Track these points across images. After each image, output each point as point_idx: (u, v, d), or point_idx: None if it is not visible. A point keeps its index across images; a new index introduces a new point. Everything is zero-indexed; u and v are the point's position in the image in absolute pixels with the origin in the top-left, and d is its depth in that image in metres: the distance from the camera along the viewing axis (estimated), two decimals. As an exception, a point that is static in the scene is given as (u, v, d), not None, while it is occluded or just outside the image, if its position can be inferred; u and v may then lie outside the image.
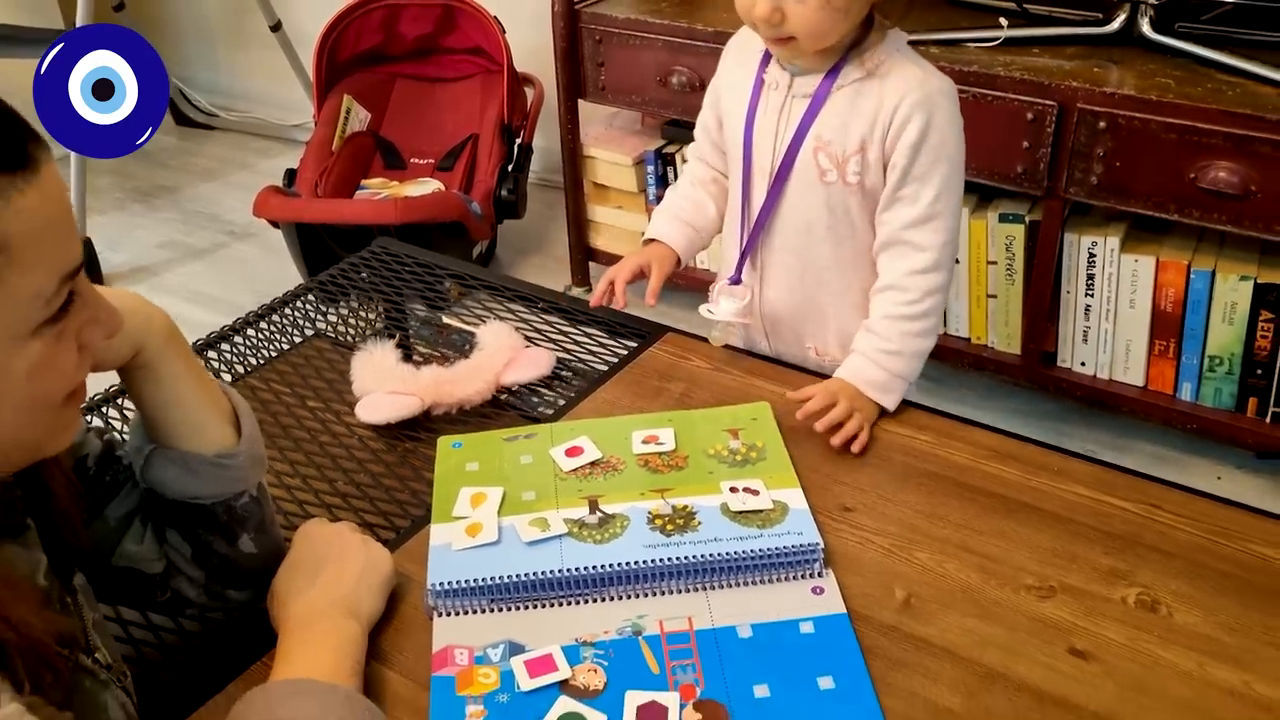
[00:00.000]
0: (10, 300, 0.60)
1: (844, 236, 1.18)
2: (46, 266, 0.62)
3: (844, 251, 1.19)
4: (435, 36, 2.64)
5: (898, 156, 1.10)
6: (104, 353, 0.76)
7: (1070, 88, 1.64)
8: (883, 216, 1.14)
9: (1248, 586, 0.91)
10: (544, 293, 1.41)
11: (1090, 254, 1.76)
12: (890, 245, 1.14)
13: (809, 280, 1.22)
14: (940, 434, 1.10)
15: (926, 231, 1.12)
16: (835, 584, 0.91)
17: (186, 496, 0.84)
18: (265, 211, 2.19)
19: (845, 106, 1.12)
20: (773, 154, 1.17)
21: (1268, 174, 1.53)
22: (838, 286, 1.21)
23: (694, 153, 1.32)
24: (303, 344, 1.35)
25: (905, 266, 1.13)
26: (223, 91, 3.60)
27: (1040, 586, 0.92)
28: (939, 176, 1.10)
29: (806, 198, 1.17)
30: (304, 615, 0.84)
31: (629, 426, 1.09)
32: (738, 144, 1.20)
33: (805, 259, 1.21)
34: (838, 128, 1.12)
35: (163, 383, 0.81)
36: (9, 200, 0.59)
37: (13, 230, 0.59)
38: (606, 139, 2.29)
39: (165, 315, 0.82)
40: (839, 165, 1.14)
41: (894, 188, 1.12)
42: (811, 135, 1.14)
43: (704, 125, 1.28)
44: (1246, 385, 1.73)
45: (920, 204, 1.11)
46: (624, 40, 2.06)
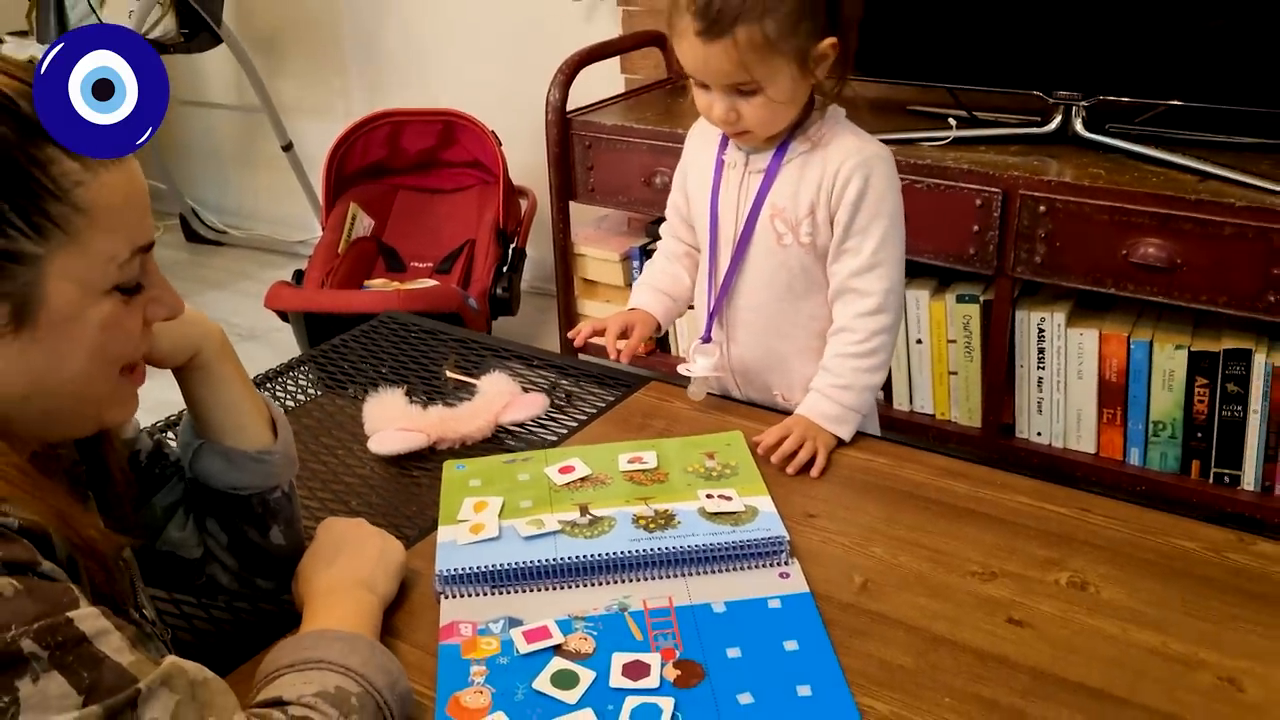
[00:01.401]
0: (88, 257, 0.73)
1: (801, 293, 1.32)
2: (122, 235, 0.74)
3: (802, 306, 1.32)
4: (436, 150, 2.85)
5: (841, 213, 1.25)
6: (168, 349, 0.89)
7: (1013, 177, 1.82)
8: (832, 268, 1.28)
9: (1168, 570, 1.02)
10: (539, 351, 1.55)
11: (1040, 329, 1.91)
12: (841, 293, 1.28)
13: (772, 334, 1.35)
14: (897, 458, 1.23)
15: (871, 279, 1.26)
16: (800, 571, 1.02)
17: (228, 487, 0.96)
18: (276, 303, 2.34)
19: (795, 176, 1.27)
20: (735, 224, 1.31)
21: (1191, 249, 1.70)
22: (798, 337, 1.34)
23: (667, 230, 1.47)
24: (318, 397, 1.47)
25: (853, 310, 1.27)
26: (231, 210, 3.81)
27: (983, 572, 1.03)
28: (879, 230, 1.25)
29: (767, 260, 1.31)
30: (326, 587, 0.94)
31: (616, 450, 1.21)
32: (704, 217, 1.35)
33: (767, 315, 1.34)
34: (789, 195, 1.27)
35: (215, 385, 0.94)
36: (96, 174, 0.72)
37: (97, 199, 0.72)
38: (595, 238, 2.46)
39: (220, 329, 0.95)
40: (793, 229, 1.28)
41: (839, 241, 1.26)
42: (767, 205, 1.29)
43: (674, 205, 1.43)
44: (1189, 449, 1.86)
45: (863, 255, 1.25)
46: (611, 145, 2.25)
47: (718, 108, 1.21)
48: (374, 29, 3.23)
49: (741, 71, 1.16)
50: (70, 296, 0.73)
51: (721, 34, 1.14)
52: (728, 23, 1.13)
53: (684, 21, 1.16)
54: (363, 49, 3.28)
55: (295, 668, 0.80)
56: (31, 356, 0.73)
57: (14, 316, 0.71)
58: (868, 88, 2.28)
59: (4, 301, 0.70)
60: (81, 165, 0.71)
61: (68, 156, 0.71)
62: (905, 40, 2.08)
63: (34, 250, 0.70)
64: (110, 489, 0.89)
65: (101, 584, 0.77)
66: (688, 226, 1.42)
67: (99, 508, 0.87)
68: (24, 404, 0.74)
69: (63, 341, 0.74)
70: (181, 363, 0.92)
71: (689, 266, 1.44)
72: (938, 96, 2.16)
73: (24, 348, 0.72)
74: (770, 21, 1.14)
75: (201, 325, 0.93)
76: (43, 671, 0.64)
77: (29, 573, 0.67)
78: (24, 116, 0.69)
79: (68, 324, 0.73)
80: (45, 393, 0.75)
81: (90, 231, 0.72)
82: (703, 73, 1.19)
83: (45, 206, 0.70)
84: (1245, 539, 1.06)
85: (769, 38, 1.14)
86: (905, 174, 1.89)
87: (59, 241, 0.71)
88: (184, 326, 0.89)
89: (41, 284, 0.71)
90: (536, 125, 2.34)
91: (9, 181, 0.68)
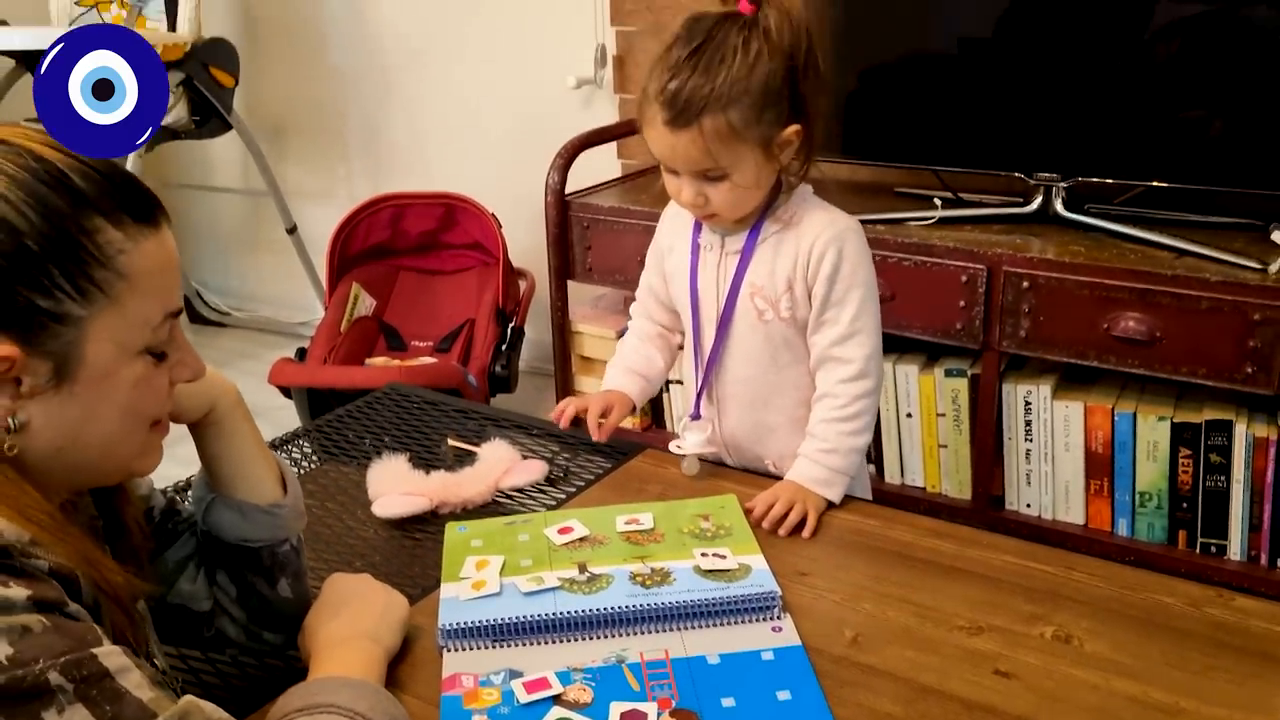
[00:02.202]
0: (126, 319, 0.78)
1: (785, 364, 1.36)
2: (156, 300, 0.80)
3: (787, 376, 1.37)
4: (437, 233, 2.92)
5: (818, 287, 1.30)
6: (186, 404, 0.93)
7: (997, 254, 1.89)
8: (812, 339, 1.33)
9: (1150, 625, 1.05)
10: (538, 421, 1.59)
11: (1027, 402, 1.96)
12: (822, 362, 1.33)
13: (759, 406, 1.39)
14: (885, 520, 1.27)
15: (850, 346, 1.31)
16: (792, 624, 1.05)
17: (239, 539, 0.99)
18: (280, 378, 2.38)
19: (770, 255, 1.32)
20: (716, 304, 1.36)
21: (1170, 322, 1.75)
22: (785, 407, 1.38)
23: (639, 311, 1.50)
24: (322, 465, 1.51)
25: (835, 377, 1.32)
26: (235, 292, 3.88)
27: (970, 627, 1.06)
28: (855, 299, 1.30)
29: (750, 336, 1.35)
30: (332, 639, 0.97)
31: (613, 512, 1.25)
32: (685, 298, 1.39)
33: (754, 388, 1.38)
34: (766, 274, 1.32)
35: (228, 439, 0.98)
36: (138, 243, 0.78)
37: (137, 266, 0.78)
38: (592, 316, 2.52)
39: (235, 387, 1.00)
40: (773, 305, 1.33)
41: (818, 313, 1.31)
42: (746, 284, 1.33)
43: (649, 286, 1.47)
44: (1175, 519, 1.90)
45: (842, 324, 1.30)
46: (608, 226, 2.32)
47: (686, 192, 1.26)
48: (378, 116, 3.34)
49: (708, 158, 1.21)
50: (108, 356, 0.78)
51: (688, 123, 1.19)
52: (694, 113, 1.19)
53: (652, 110, 1.22)
54: (367, 135, 3.39)
55: (304, 711, 0.83)
56: (68, 411, 0.78)
57: (55, 373, 0.76)
58: (857, 170, 2.39)
59: (47, 359, 0.75)
60: (124, 234, 0.77)
61: (112, 226, 0.76)
62: (892, 125, 2.17)
63: (78, 312, 0.75)
64: (126, 542, 0.93)
65: (122, 629, 0.80)
66: (663, 307, 1.47)
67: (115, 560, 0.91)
68: (58, 455, 0.79)
69: (98, 398, 0.78)
70: (198, 418, 0.96)
71: (661, 348, 1.49)
72: (924, 179, 2.25)
73: (62, 403, 0.77)
74: (735, 111, 1.19)
75: (218, 383, 0.97)
76: (68, 704, 0.67)
77: (56, 611, 0.71)
78: (76, 189, 0.75)
79: (103, 382, 0.78)
80: (78, 445, 0.79)
81: (129, 296, 0.78)
82: (671, 159, 1.25)
83: (91, 272, 0.75)
84: (1224, 594, 1.09)
85: (734, 126, 1.20)
86: (893, 252, 1.97)
87: (101, 305, 0.76)
88: (201, 384, 0.93)
89: (82, 344, 0.76)
90: (536, 208, 2.42)
91: (60, 248, 0.74)
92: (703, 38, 1.20)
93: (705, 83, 1.18)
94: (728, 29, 1.19)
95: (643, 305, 1.50)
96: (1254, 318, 1.70)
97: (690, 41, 1.20)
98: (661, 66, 1.21)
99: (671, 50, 1.21)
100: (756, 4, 1.20)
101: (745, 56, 1.18)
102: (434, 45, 3.14)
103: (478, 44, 3.05)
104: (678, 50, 1.20)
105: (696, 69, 1.18)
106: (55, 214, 0.74)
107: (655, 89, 1.21)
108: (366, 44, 3.27)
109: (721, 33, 1.19)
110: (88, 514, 0.90)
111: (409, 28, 3.18)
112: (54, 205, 0.74)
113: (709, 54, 1.19)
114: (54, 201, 0.74)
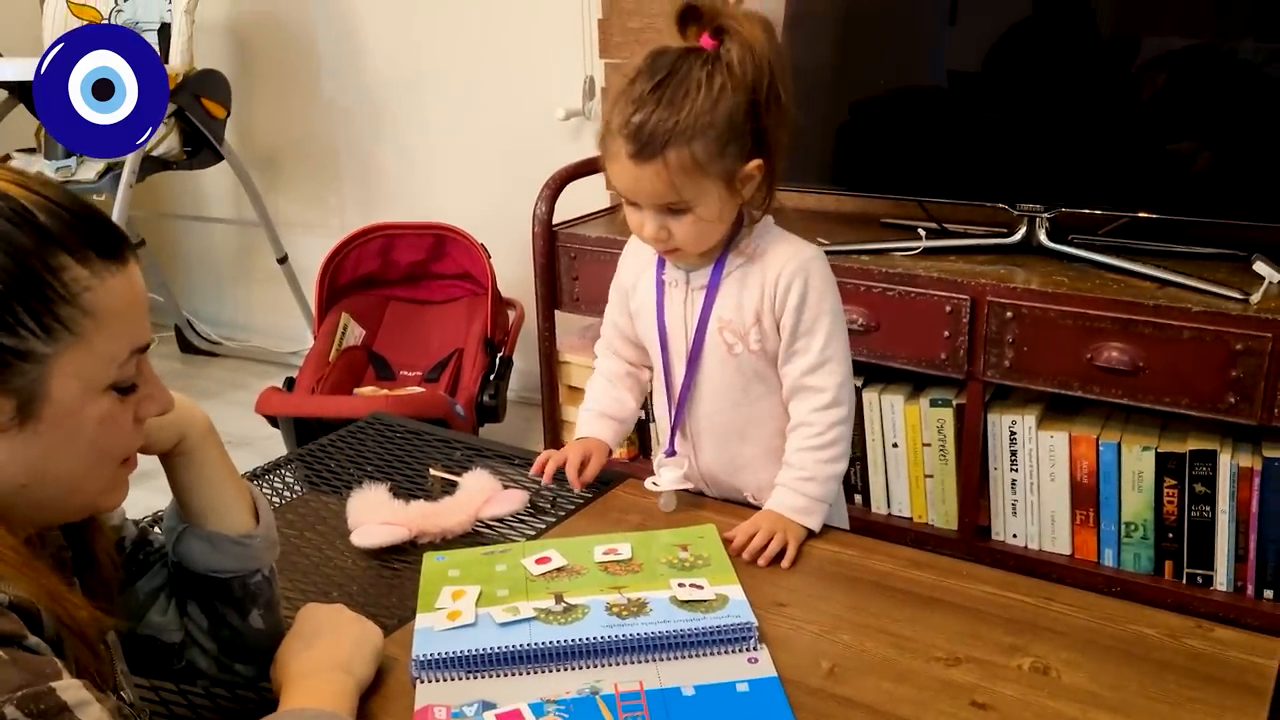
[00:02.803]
0: (92, 356, 0.78)
1: (757, 396, 1.36)
2: (123, 337, 0.80)
3: (760, 408, 1.36)
4: (426, 263, 2.93)
5: (786, 318, 1.30)
6: (155, 435, 0.93)
7: (980, 284, 1.89)
8: (784, 369, 1.33)
9: (1128, 656, 1.05)
10: (520, 451, 1.59)
11: (1011, 432, 1.96)
12: (795, 391, 1.33)
13: (734, 438, 1.38)
14: (864, 550, 1.26)
15: (822, 375, 1.31)
16: (768, 656, 1.05)
17: (209, 570, 0.98)
18: (267, 408, 2.38)
19: (736, 288, 1.32)
20: (685, 339, 1.35)
21: (1152, 352, 1.76)
22: (760, 439, 1.37)
23: (606, 349, 1.48)
24: (303, 494, 1.51)
25: (809, 405, 1.31)
26: (226, 323, 3.88)
27: (947, 658, 1.05)
28: (824, 328, 1.30)
29: (720, 370, 1.35)
30: (303, 670, 0.96)
31: (591, 543, 1.24)
32: (652, 334, 1.38)
33: (727, 420, 1.37)
34: (734, 307, 1.32)
35: (199, 469, 0.98)
36: (104, 280, 0.78)
37: (103, 303, 0.78)
38: (580, 346, 2.52)
39: (206, 416, 0.99)
40: (742, 338, 1.32)
41: (788, 344, 1.31)
42: (714, 318, 1.32)
43: (614, 323, 1.46)
44: (1161, 549, 1.89)
45: (812, 353, 1.30)
46: (596, 256, 2.33)
47: (649, 226, 1.26)
48: (369, 148, 3.35)
49: (672, 191, 1.21)
50: (73, 393, 0.77)
51: (653, 156, 1.19)
52: (659, 145, 1.18)
53: (616, 144, 1.21)
54: (358, 167, 3.40)
55: (272, 743, 0.82)
56: (32, 449, 0.77)
57: (19, 411, 0.76)
58: (844, 201, 2.40)
59: (11, 397, 0.75)
60: (90, 271, 0.77)
61: (78, 263, 0.76)
62: (878, 157, 2.18)
63: (43, 350, 0.75)
64: (96, 574, 0.92)
65: (86, 663, 0.79)
66: (630, 344, 1.46)
67: (84, 592, 0.90)
68: (23, 491, 0.78)
69: (62, 435, 0.78)
70: (167, 449, 0.96)
71: (630, 387, 1.47)
72: (909, 209, 2.26)
73: (26, 440, 0.77)
74: (699, 144, 1.19)
75: (188, 412, 0.97)
76: (24, 737, 0.66)
77: (15, 645, 0.70)
78: (41, 226, 0.75)
79: (68, 419, 0.78)
80: (43, 482, 0.79)
81: (95, 333, 0.77)
82: (634, 193, 1.24)
83: (56, 309, 0.75)
84: (1203, 625, 1.09)
85: (698, 160, 1.19)
86: (878, 282, 1.97)
87: (66, 342, 0.76)
88: (171, 415, 0.93)
89: (47, 381, 0.76)
90: (524, 238, 2.43)
91: (24, 286, 0.74)
92: (666, 71, 1.19)
93: (670, 115, 1.18)
94: (691, 63, 1.19)
95: (609, 343, 1.48)
96: (1236, 348, 1.70)
97: (653, 75, 1.20)
98: (625, 100, 1.21)
99: (634, 84, 1.21)
100: (719, 39, 1.20)
101: (709, 90, 1.18)
102: (425, 77, 3.16)
103: (468, 76, 3.07)
104: (641, 84, 1.20)
105: (661, 102, 1.18)
106: (20, 251, 0.74)
107: (619, 122, 1.21)
108: (358, 76, 3.29)
109: (685, 66, 1.19)
110: (56, 545, 0.90)
111: (400, 60, 3.20)
112: (18, 242, 0.74)
113: (673, 87, 1.19)
114: (18, 239, 0.74)
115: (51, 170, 2.82)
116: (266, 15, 3.41)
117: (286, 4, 3.35)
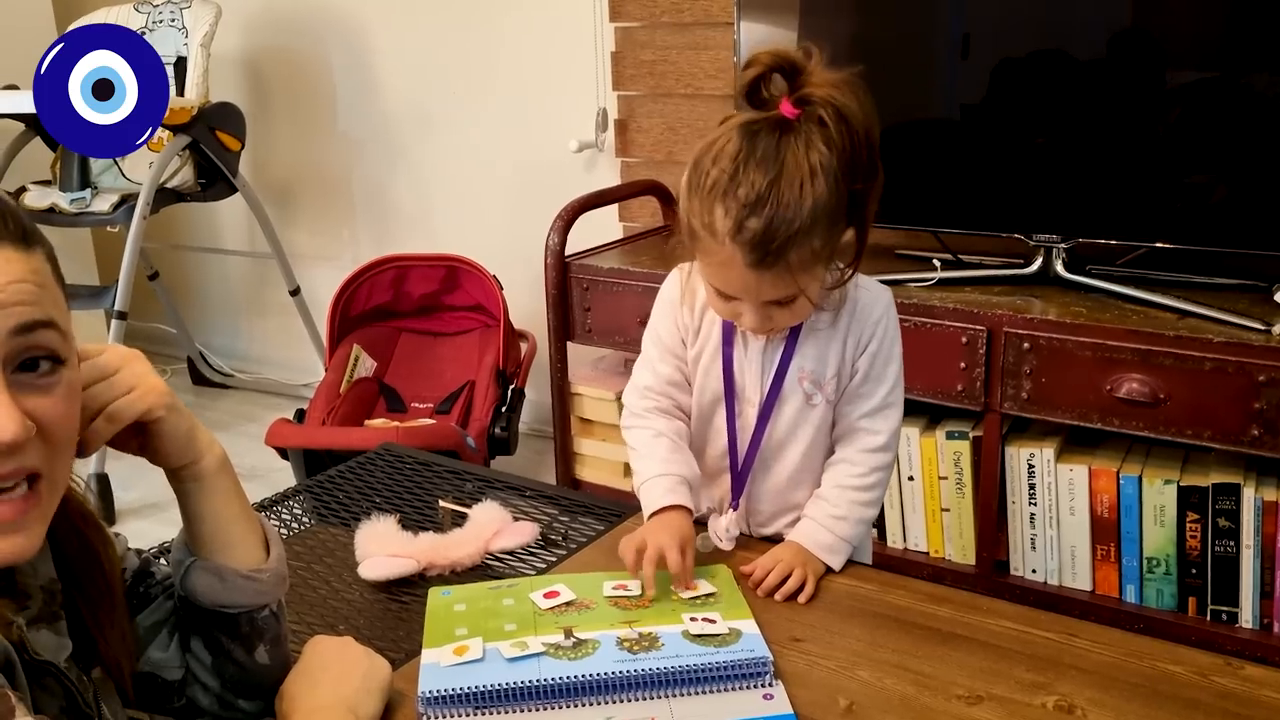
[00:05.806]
0: None
1: (822, 446, 1.30)
2: None
3: (819, 457, 1.31)
4: (439, 295, 2.92)
5: (861, 363, 1.25)
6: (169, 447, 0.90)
7: (997, 315, 1.87)
8: (842, 409, 1.28)
9: (1155, 694, 1.02)
10: (531, 482, 1.57)
11: (1030, 465, 1.93)
12: (850, 432, 1.28)
13: (792, 487, 1.32)
14: (882, 584, 1.24)
15: (880, 420, 1.27)
16: (784, 693, 1.02)
17: (217, 605, 0.96)
18: (277, 440, 2.36)
19: (821, 338, 1.25)
20: (759, 390, 1.27)
21: (1174, 384, 1.73)
22: (812, 484, 1.32)
23: (656, 408, 1.33)
24: (312, 526, 1.49)
25: (858, 446, 1.27)
26: (239, 355, 3.88)
27: (969, 696, 1.02)
28: (893, 374, 1.27)
29: (797, 421, 1.28)
30: (310, 708, 0.94)
31: (601, 578, 1.22)
32: (716, 380, 1.29)
33: (791, 471, 1.31)
34: (816, 358, 1.26)
35: (212, 498, 0.95)
36: None
37: None
38: (592, 378, 2.50)
39: (223, 450, 0.97)
40: (821, 388, 1.27)
41: (856, 386, 1.26)
42: (794, 368, 1.26)
43: (668, 379, 1.32)
44: (1185, 585, 1.85)
45: (876, 398, 1.27)
46: (608, 287, 2.32)
47: (749, 318, 1.18)
48: (383, 180, 3.36)
49: (792, 288, 1.14)
50: None
51: (775, 263, 1.11)
52: (782, 251, 1.10)
53: (726, 251, 1.12)
54: (372, 199, 3.41)
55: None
56: None
57: None
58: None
59: None
60: None
61: None
62: (893, 188, 2.15)
63: None
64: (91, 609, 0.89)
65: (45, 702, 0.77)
66: (683, 394, 1.34)
67: (71, 627, 0.87)
68: None
69: None
70: (181, 465, 0.93)
71: (686, 447, 1.34)
72: (924, 240, 2.24)
73: None
74: (816, 238, 1.12)
75: (208, 437, 0.95)
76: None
77: None
78: None
79: None
80: None
81: None
82: (745, 293, 1.16)
83: None
84: (1233, 663, 1.06)
85: (815, 251, 1.13)
86: (892, 313, 1.95)
87: None
88: (197, 430, 0.92)
89: None
90: (537, 270, 2.42)
91: None
92: (773, 160, 1.10)
93: (791, 217, 1.09)
94: (793, 145, 1.10)
95: (658, 401, 1.33)
96: (1259, 379, 1.67)
97: (761, 166, 1.10)
98: (731, 198, 1.10)
99: (738, 177, 1.10)
100: (801, 106, 1.12)
101: (821, 176, 1.10)
102: (438, 109, 3.17)
103: (481, 108, 3.08)
104: (747, 178, 1.10)
105: (780, 203, 1.09)
106: None
107: (728, 227, 1.10)
108: (372, 108, 3.31)
109: (787, 149, 1.10)
110: (46, 578, 0.87)
111: (414, 93, 3.21)
112: None
113: (785, 181, 1.09)
114: None
115: (66, 202, 2.84)
116: (282, 49, 3.43)
117: (302, 37, 3.37)
